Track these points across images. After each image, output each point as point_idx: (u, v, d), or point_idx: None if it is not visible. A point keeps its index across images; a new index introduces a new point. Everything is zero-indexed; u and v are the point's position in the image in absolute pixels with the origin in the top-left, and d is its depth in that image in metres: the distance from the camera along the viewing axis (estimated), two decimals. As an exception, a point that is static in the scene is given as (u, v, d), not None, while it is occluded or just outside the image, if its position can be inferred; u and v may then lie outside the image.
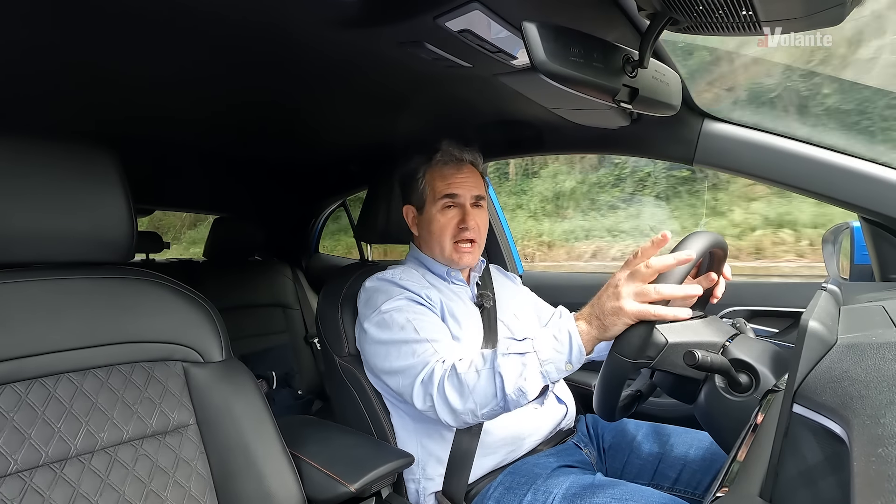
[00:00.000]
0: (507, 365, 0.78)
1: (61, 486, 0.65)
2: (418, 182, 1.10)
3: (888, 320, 0.53)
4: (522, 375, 0.77)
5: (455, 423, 0.85)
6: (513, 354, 0.79)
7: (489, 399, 0.80)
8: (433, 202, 1.08)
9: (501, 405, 0.80)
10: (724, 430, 0.73)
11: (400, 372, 0.92)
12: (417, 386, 0.87)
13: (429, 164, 1.10)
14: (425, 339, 0.92)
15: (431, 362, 0.88)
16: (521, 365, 0.77)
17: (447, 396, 0.83)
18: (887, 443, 0.30)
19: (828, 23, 0.59)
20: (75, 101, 1.13)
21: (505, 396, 0.78)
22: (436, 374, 0.85)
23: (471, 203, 1.09)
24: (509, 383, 0.77)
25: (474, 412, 0.81)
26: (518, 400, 0.78)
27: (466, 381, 0.82)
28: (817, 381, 0.42)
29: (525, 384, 0.77)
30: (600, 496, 0.83)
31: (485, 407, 0.80)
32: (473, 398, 0.81)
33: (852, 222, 1.06)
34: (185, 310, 0.82)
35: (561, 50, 0.60)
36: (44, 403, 0.67)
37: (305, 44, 0.85)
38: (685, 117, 1.06)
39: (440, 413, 0.84)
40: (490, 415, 0.82)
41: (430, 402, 0.85)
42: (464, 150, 1.11)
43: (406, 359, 0.91)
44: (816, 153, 0.97)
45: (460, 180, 1.08)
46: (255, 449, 0.79)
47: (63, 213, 0.70)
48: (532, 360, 0.77)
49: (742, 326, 0.82)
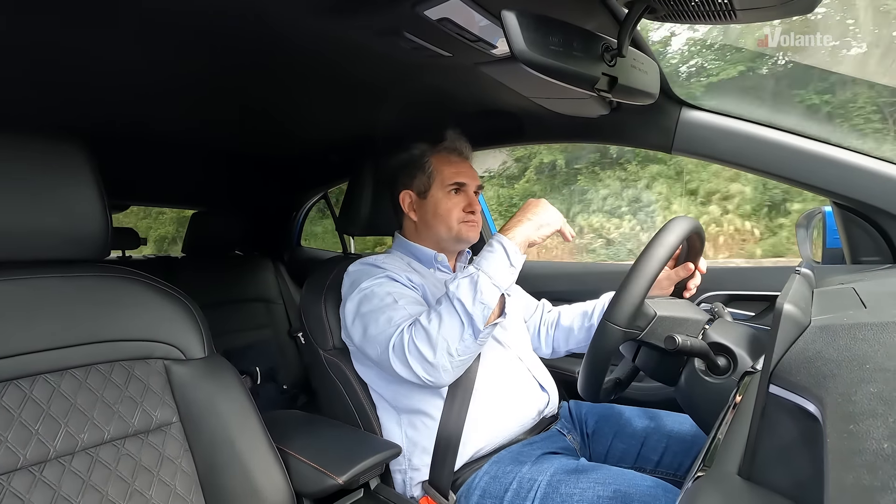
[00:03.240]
0: (461, 289, 0.86)
1: (41, 488, 0.64)
2: (424, 166, 1.12)
3: (859, 302, 0.55)
4: (478, 289, 0.85)
5: (434, 377, 0.87)
6: (462, 279, 0.88)
7: (457, 330, 0.84)
8: (440, 186, 1.11)
9: (470, 332, 0.84)
10: (703, 411, 0.75)
11: (376, 339, 0.93)
12: (391, 351, 0.89)
13: (435, 152, 1.14)
14: (403, 307, 0.94)
15: (402, 326, 0.90)
16: (472, 283, 0.86)
17: (419, 350, 0.86)
18: (858, 419, 0.31)
19: (801, 11, 0.60)
20: (45, 94, 1.09)
21: (470, 318, 0.84)
22: (405, 334, 0.89)
23: (474, 191, 1.15)
24: (468, 302, 0.85)
25: (448, 351, 0.84)
26: (483, 314, 0.84)
27: (431, 327, 0.86)
28: (792, 361, 0.43)
29: (483, 297, 0.85)
30: (584, 480, 0.85)
31: (455, 340, 0.85)
32: (443, 336, 0.84)
33: (824, 207, 1.09)
34: (164, 307, 0.80)
35: (540, 39, 0.60)
36: (20, 406, 0.65)
37: (282, 32, 0.83)
38: (663, 106, 1.08)
39: (417, 371, 0.87)
40: (463, 349, 0.85)
41: (406, 363, 0.87)
42: (465, 144, 1.18)
43: (382, 326, 0.93)
44: (790, 140, 0.99)
45: (467, 170, 1.14)
46: (241, 445, 0.79)
47: (35, 209, 0.68)
48: (481, 277, 0.86)
49: (720, 310, 0.84)
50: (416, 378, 0.88)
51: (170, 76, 1.04)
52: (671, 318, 0.76)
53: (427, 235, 1.14)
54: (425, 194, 1.12)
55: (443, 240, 1.13)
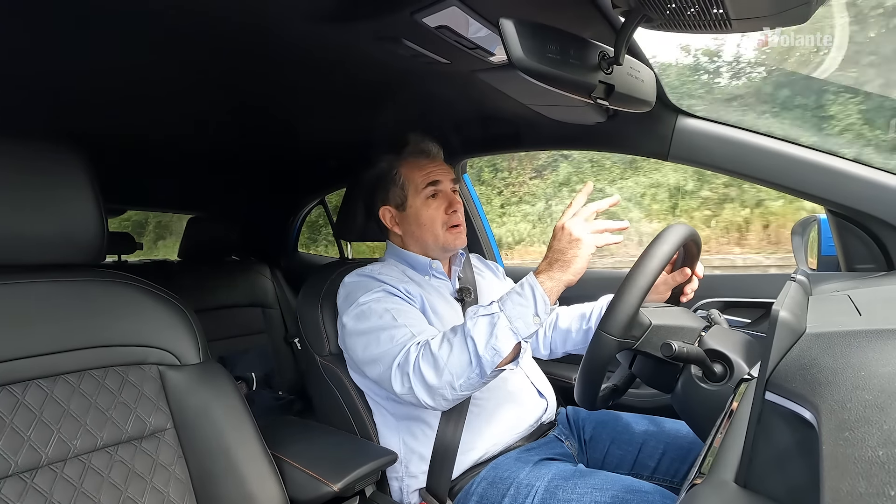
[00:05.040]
0: (477, 327, 0.81)
1: (32, 495, 0.63)
2: (395, 178, 1.09)
3: (854, 309, 0.55)
4: (493, 334, 0.80)
5: (433, 401, 0.85)
6: (481, 317, 0.82)
7: (464, 367, 0.81)
8: (416, 194, 1.08)
9: (477, 372, 0.81)
10: (700, 418, 0.75)
11: (378, 359, 0.92)
12: (394, 369, 0.88)
13: (402, 159, 1.11)
14: (403, 324, 0.93)
15: (408, 345, 0.88)
16: (490, 325, 0.81)
17: (423, 373, 0.84)
18: (853, 426, 0.32)
19: (794, 21, 0.60)
20: (42, 100, 1.09)
21: (479, 359, 0.80)
22: (411, 354, 0.86)
23: (451, 189, 1.11)
24: (481, 344, 0.80)
25: (451, 384, 0.82)
26: (493, 359, 0.80)
27: (440, 354, 0.83)
28: (788, 369, 0.43)
29: (497, 342, 0.79)
30: (582, 486, 0.84)
31: (461, 376, 0.81)
32: (449, 369, 0.82)
33: (819, 215, 1.10)
34: (159, 312, 0.80)
35: (538, 47, 0.61)
36: (11, 411, 0.65)
37: (281, 39, 0.84)
38: (660, 113, 1.08)
39: (418, 393, 0.85)
40: (467, 385, 0.82)
41: (408, 384, 0.86)
42: (429, 141, 1.14)
43: (384, 345, 0.91)
44: (786, 149, 1.00)
45: (437, 168, 1.10)
46: (236, 451, 0.78)
47: (31, 214, 0.68)
48: (501, 319, 0.81)
49: (716, 317, 0.85)
50: (415, 399, 0.86)
51: (167, 80, 1.04)
52: (666, 326, 0.76)
53: (415, 246, 1.13)
54: (403, 206, 1.10)
55: (431, 249, 1.11)
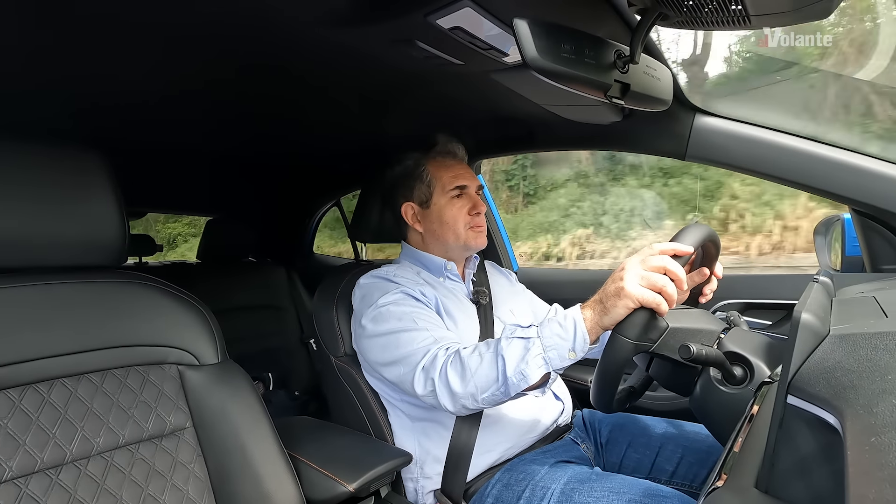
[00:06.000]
0: (511, 348, 0.79)
1: (57, 491, 0.64)
2: (422, 175, 1.11)
3: (879, 311, 0.54)
4: (524, 359, 0.77)
5: (454, 408, 0.85)
6: (517, 339, 0.80)
7: (490, 383, 0.80)
8: (442, 193, 1.09)
9: (502, 389, 0.80)
10: (719, 422, 0.74)
11: (400, 360, 0.92)
12: (419, 372, 0.88)
13: (430, 158, 1.12)
14: (424, 328, 0.93)
15: (433, 349, 0.88)
16: (524, 349, 0.78)
17: (448, 380, 0.83)
18: (880, 432, 0.31)
19: (816, 16, 0.59)
20: (65, 104, 1.12)
21: (506, 380, 0.78)
22: (438, 358, 0.86)
23: (475, 192, 1.12)
24: (511, 366, 0.78)
25: (474, 396, 0.82)
26: (518, 384, 0.78)
27: (469, 364, 0.82)
28: (811, 372, 0.42)
29: (527, 368, 0.77)
30: (598, 490, 0.83)
31: (485, 391, 0.81)
32: (475, 381, 0.81)
33: (843, 214, 1.07)
34: (178, 312, 0.81)
35: (552, 46, 0.61)
36: (38, 409, 0.66)
37: (296, 43, 0.85)
38: (677, 112, 1.07)
39: (440, 397, 0.85)
40: (490, 400, 0.82)
41: (431, 387, 0.86)
42: (457, 145, 1.16)
43: (406, 346, 0.91)
44: (807, 146, 0.97)
45: (465, 172, 1.12)
46: (253, 451, 0.79)
47: (54, 217, 0.70)
48: (535, 346, 0.78)
49: (736, 319, 0.83)
50: (435, 402, 0.86)
51: (188, 89, 1.06)
52: (684, 329, 0.75)
53: (434, 245, 1.13)
54: (427, 203, 1.11)
55: (451, 248, 1.12)
